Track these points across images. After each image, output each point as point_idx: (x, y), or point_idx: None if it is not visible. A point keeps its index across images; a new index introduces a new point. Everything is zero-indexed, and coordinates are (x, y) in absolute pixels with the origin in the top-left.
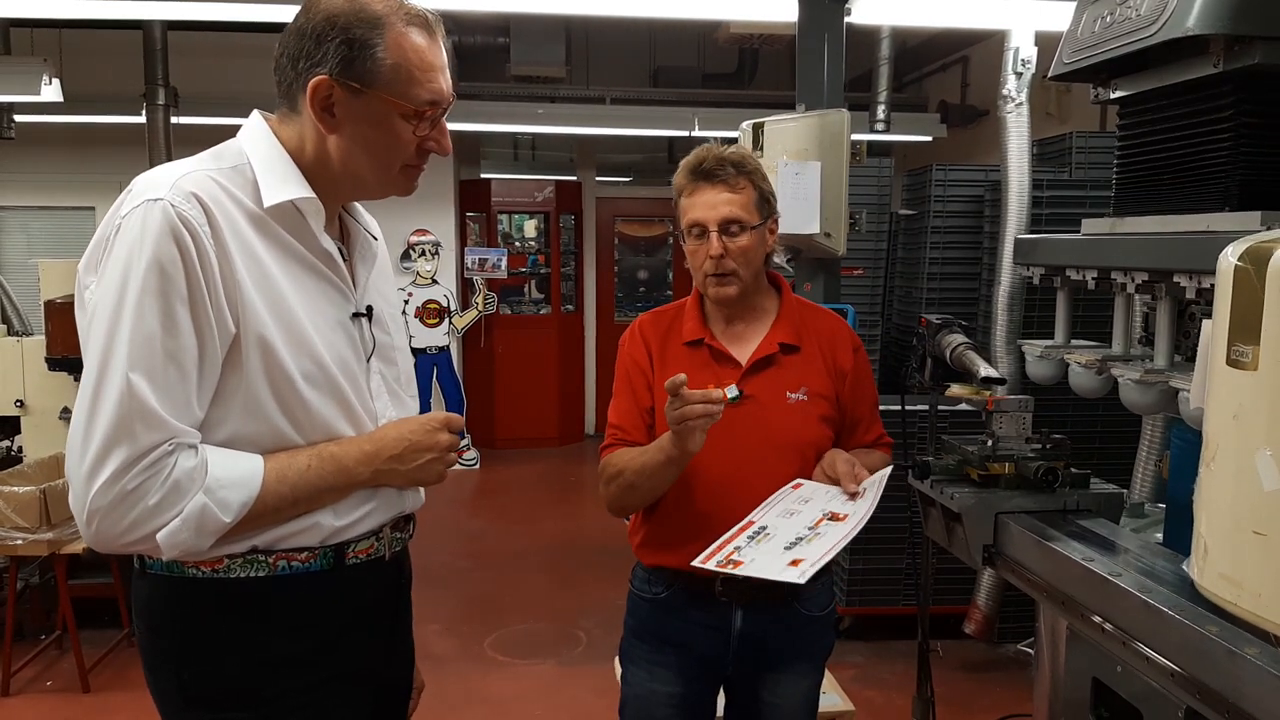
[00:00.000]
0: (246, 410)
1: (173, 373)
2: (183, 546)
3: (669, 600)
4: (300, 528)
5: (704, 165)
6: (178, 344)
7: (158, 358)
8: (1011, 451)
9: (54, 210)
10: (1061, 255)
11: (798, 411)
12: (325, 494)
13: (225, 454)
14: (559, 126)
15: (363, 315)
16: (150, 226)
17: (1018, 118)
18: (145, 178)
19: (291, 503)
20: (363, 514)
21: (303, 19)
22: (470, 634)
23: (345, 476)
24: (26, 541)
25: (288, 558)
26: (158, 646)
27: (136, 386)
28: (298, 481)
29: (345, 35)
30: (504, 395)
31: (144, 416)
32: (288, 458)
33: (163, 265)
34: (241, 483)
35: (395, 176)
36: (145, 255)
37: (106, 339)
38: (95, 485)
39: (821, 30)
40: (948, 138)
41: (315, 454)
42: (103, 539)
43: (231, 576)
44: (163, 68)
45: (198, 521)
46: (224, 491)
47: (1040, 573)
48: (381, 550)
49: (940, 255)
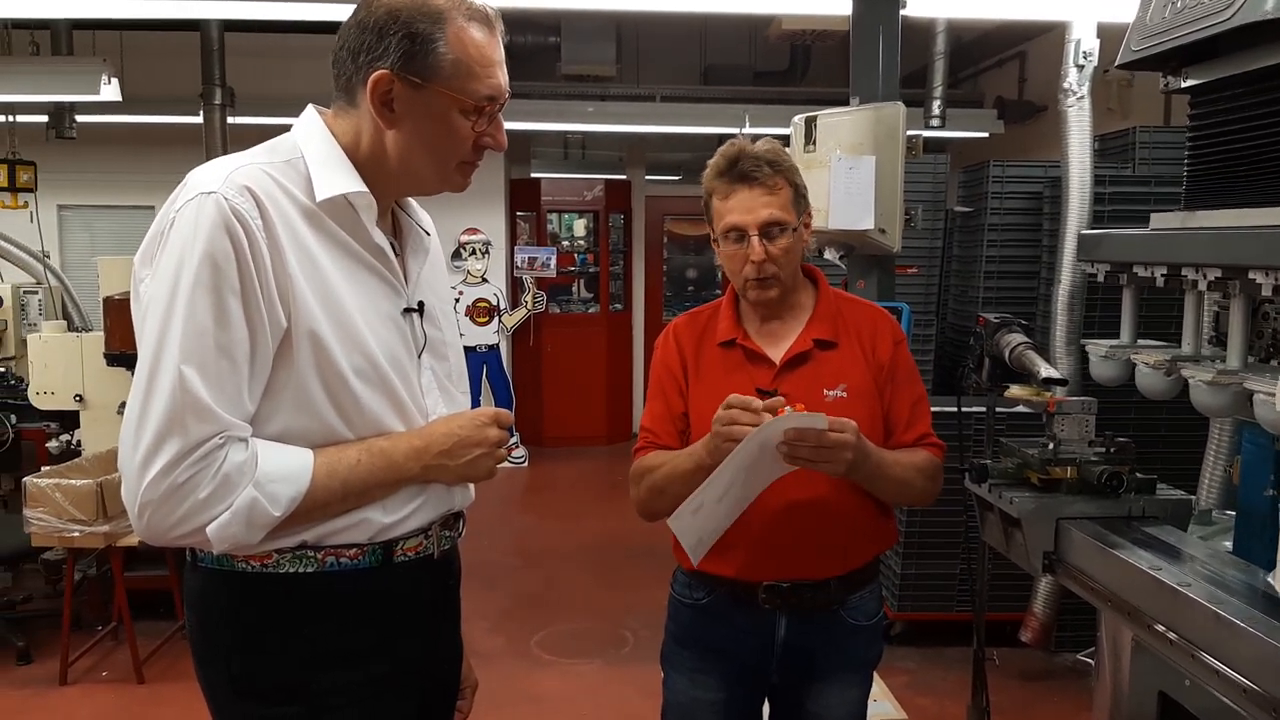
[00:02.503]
0: (297, 404)
1: (224, 366)
2: (233, 540)
3: (711, 606)
4: (349, 523)
5: (739, 166)
6: (229, 337)
7: (210, 351)
8: (1074, 455)
9: (114, 209)
10: (1128, 251)
11: (837, 409)
12: (374, 489)
13: (275, 448)
14: (609, 125)
15: (414, 310)
16: (203, 220)
17: (1079, 112)
18: (199, 172)
19: (341, 497)
20: (411, 510)
21: (363, 13)
22: (517, 632)
23: (394, 472)
24: (83, 534)
25: (336, 554)
26: (208, 639)
27: (188, 379)
28: (347, 476)
29: (407, 29)
30: (552, 394)
31: (196, 409)
32: (337, 452)
33: (215, 259)
34: (291, 477)
35: (451, 173)
36: (198, 249)
37: (159, 332)
38: (147, 477)
39: (876, 22)
40: (1004, 134)
41: (365, 449)
42: (154, 532)
43: (281, 571)
44: (219, 68)
45: (248, 515)
46: (274, 485)
47: (1104, 581)
48: (430, 548)
49: (998, 253)
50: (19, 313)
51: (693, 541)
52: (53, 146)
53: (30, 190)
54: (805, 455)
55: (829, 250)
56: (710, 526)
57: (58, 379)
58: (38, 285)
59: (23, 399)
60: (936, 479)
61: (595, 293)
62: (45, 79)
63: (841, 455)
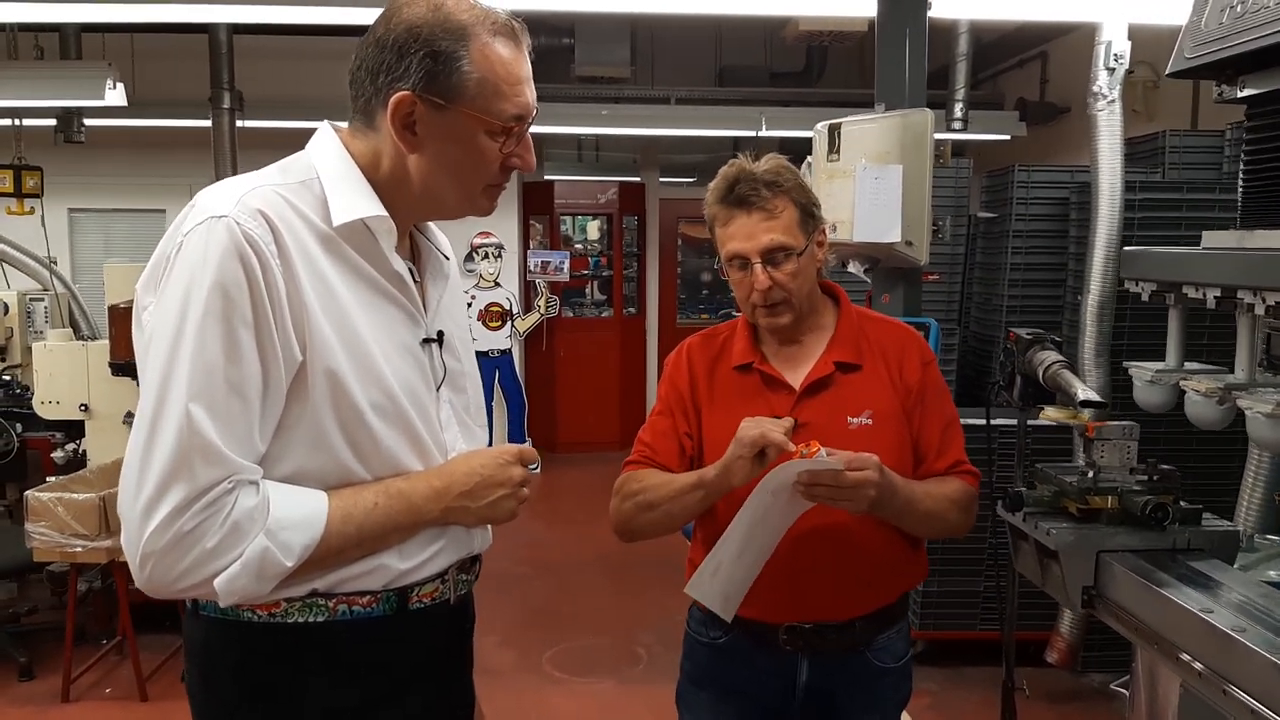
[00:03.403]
0: (311, 443)
1: (235, 404)
2: (242, 593)
3: (728, 646)
4: (363, 570)
5: (736, 190)
6: (241, 373)
7: (219, 388)
8: (1114, 483)
9: (126, 213)
10: (1178, 270)
11: (862, 438)
12: (392, 534)
13: (287, 491)
14: (624, 128)
15: (433, 341)
16: (214, 245)
17: (1110, 116)
18: (208, 193)
19: (357, 543)
20: (430, 555)
21: (382, 30)
22: (529, 646)
23: (413, 515)
24: (86, 549)
25: (348, 601)
26: (211, 693)
27: (196, 419)
28: (364, 521)
29: (429, 48)
30: (565, 398)
31: (204, 452)
32: (353, 495)
33: (226, 287)
34: (305, 523)
35: (477, 196)
36: (208, 276)
37: (165, 366)
38: (150, 526)
39: (903, 25)
40: (1027, 137)
41: (382, 490)
42: (157, 584)
43: (290, 621)
44: (228, 71)
45: (258, 566)
46: (286, 534)
47: (1149, 621)
48: (447, 593)
49: (1022, 261)
50: (25, 320)
51: (719, 603)
52: (64, 148)
53: (36, 196)
54: (823, 495)
55: (853, 263)
56: (736, 583)
57: (63, 388)
58: (44, 292)
59: (29, 408)
60: (971, 510)
61: (609, 296)
62: (50, 83)
63: (863, 494)
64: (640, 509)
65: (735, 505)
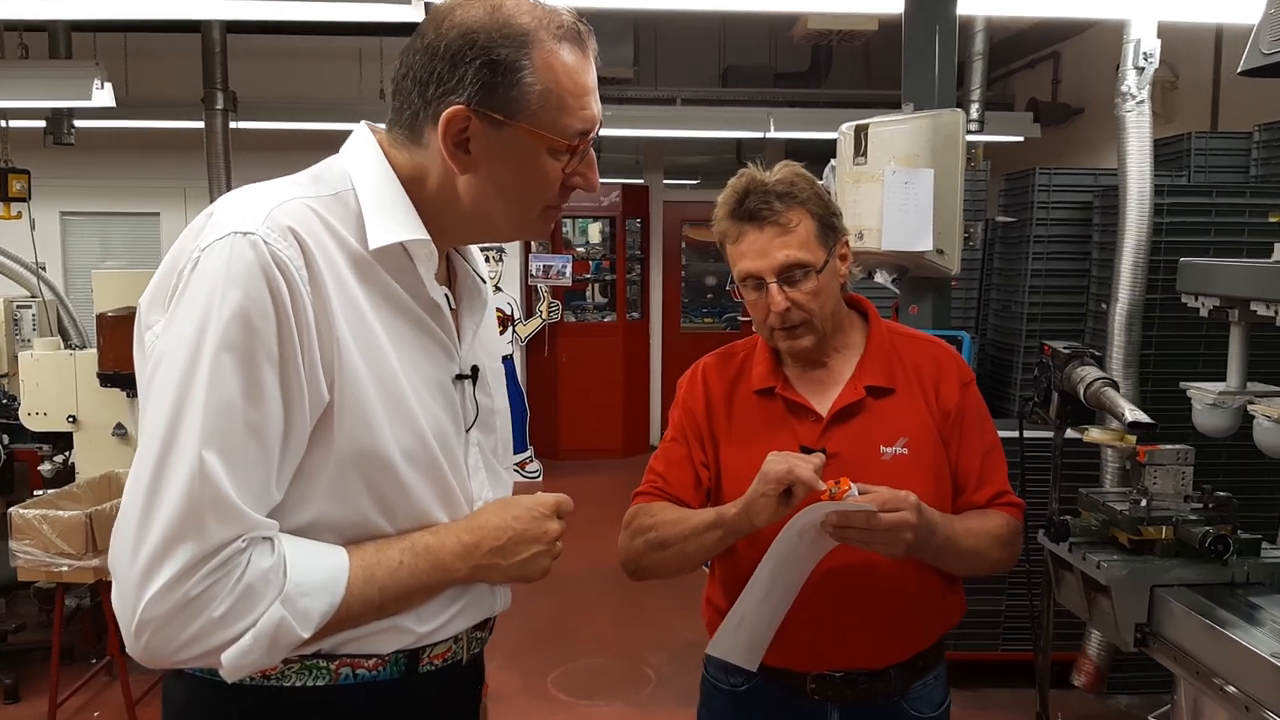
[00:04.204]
0: (332, 493)
1: (253, 451)
2: (252, 666)
3: (750, 695)
4: (374, 630)
5: (747, 204)
6: (262, 415)
7: (237, 431)
8: (1169, 512)
9: (121, 216)
10: (1248, 284)
11: (896, 469)
12: (416, 594)
13: (306, 549)
14: (627, 129)
15: (467, 377)
16: (237, 266)
17: (1138, 117)
18: (231, 203)
19: (378, 607)
20: (449, 617)
21: (432, 35)
22: (533, 667)
23: (441, 573)
24: (72, 569)
25: (353, 664)
26: None
27: (210, 468)
28: (387, 582)
29: (486, 56)
30: (568, 405)
31: (217, 506)
32: (376, 552)
33: (250, 316)
34: (325, 587)
35: (533, 220)
36: (230, 302)
37: (175, 403)
38: (151, 590)
39: (932, 21)
40: (1040, 138)
41: (408, 547)
42: (154, 655)
43: (286, 685)
44: (221, 71)
45: (271, 637)
46: (305, 600)
47: (1212, 664)
48: (459, 654)
49: (1043, 267)
50: (11, 328)
51: (743, 655)
52: (54, 150)
53: (24, 199)
54: (855, 538)
55: (880, 273)
56: (761, 632)
57: (50, 399)
58: (31, 299)
59: (15, 419)
60: (1015, 546)
61: (611, 300)
62: (34, 83)
63: (900, 537)
64: (651, 547)
65: (757, 543)
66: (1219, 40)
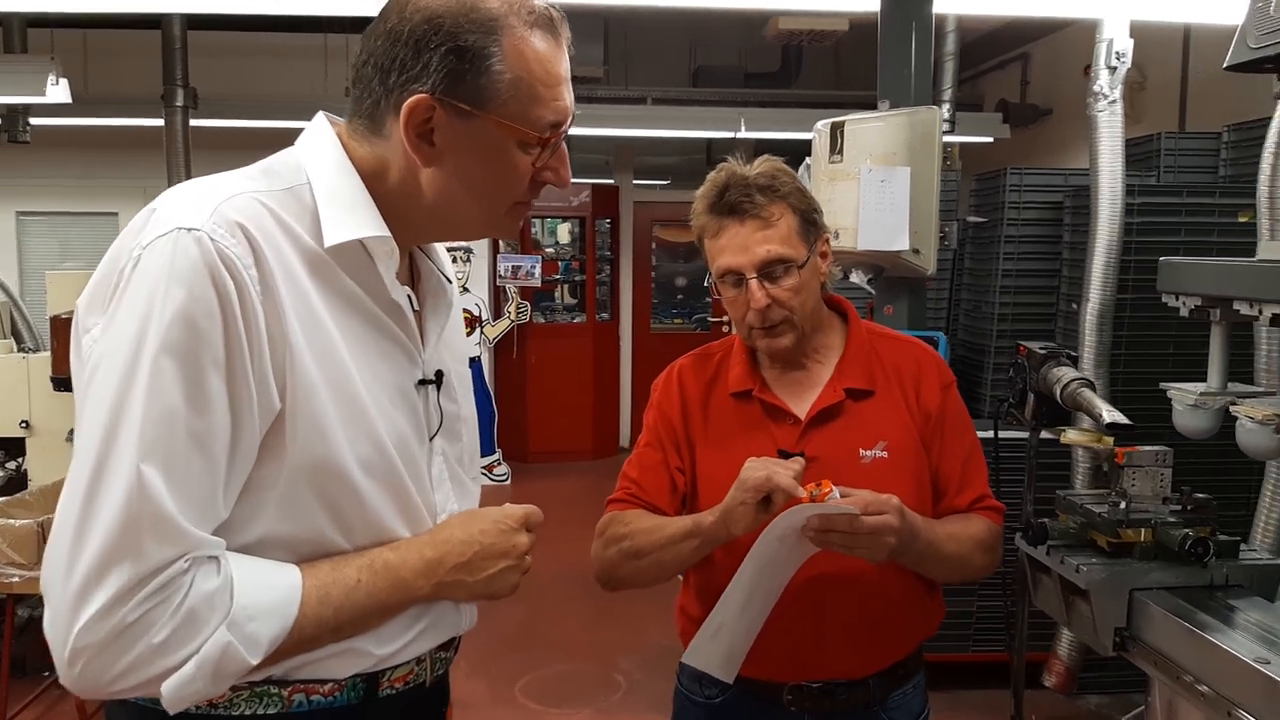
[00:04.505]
0: (284, 508)
1: (197, 464)
2: (195, 697)
3: (725, 707)
4: (331, 653)
5: (727, 197)
6: (207, 425)
7: (180, 443)
8: (1147, 514)
9: (79, 216)
10: (1231, 284)
11: (876, 473)
12: (374, 615)
13: (255, 568)
14: (597, 128)
15: (430, 383)
16: (181, 265)
17: (1110, 117)
18: (176, 198)
19: (333, 629)
20: (411, 638)
21: (395, 19)
22: (500, 675)
23: (401, 591)
24: (23, 579)
25: (307, 690)
26: None
27: (149, 483)
28: (343, 602)
29: (453, 42)
30: (537, 407)
31: (156, 524)
32: (331, 570)
33: (194, 317)
34: (275, 609)
35: (501, 217)
36: (172, 302)
37: (112, 413)
38: (85, 615)
39: (908, 17)
40: (1010, 139)
41: (366, 565)
42: (89, 685)
43: (235, 714)
44: (182, 67)
45: (216, 665)
46: (253, 625)
47: (1195, 670)
48: (422, 676)
49: (1014, 267)
50: None
51: (719, 664)
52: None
53: None
54: (837, 542)
55: (855, 273)
56: (738, 641)
57: (2, 403)
58: None
59: None
60: (996, 550)
61: (580, 301)
62: None
63: (882, 541)
64: (626, 557)
65: (734, 550)
66: (1187, 41)
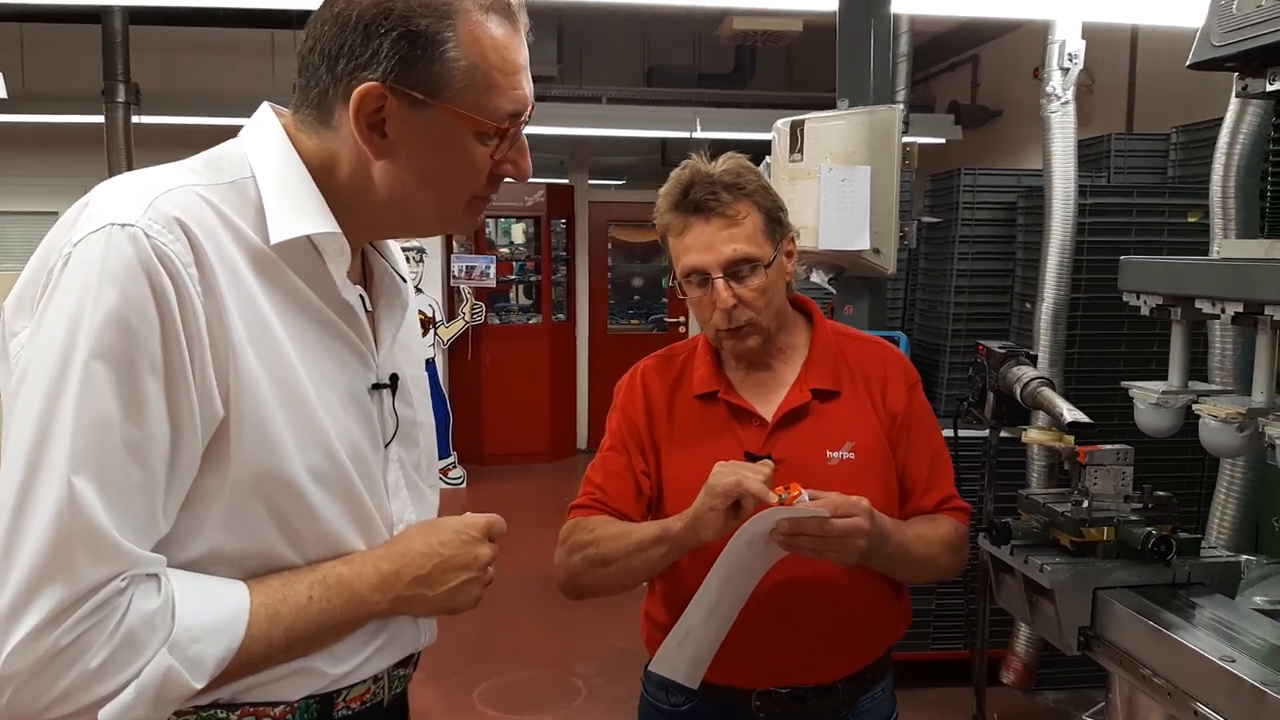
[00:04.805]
0: (229, 521)
1: (134, 475)
2: None
3: (692, 714)
4: (283, 674)
5: (692, 195)
6: (144, 434)
7: (114, 454)
8: (1110, 513)
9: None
10: (1192, 282)
11: (844, 474)
12: (328, 633)
13: (198, 586)
14: (552, 127)
15: (385, 387)
16: (114, 263)
17: (1063, 118)
18: (109, 192)
19: (284, 648)
20: (367, 656)
21: (343, 3)
22: (458, 684)
23: (357, 607)
24: None
25: (257, 713)
26: None
27: (81, 497)
28: (294, 620)
29: (405, 27)
30: (492, 409)
31: (89, 541)
32: (281, 586)
33: (128, 319)
34: (221, 629)
35: (458, 212)
36: (105, 303)
37: (40, 421)
38: (13, 639)
39: (866, 16)
40: (961, 140)
41: (319, 580)
42: (20, 713)
43: None
44: (123, 62)
45: (158, 690)
46: (197, 646)
47: (1161, 670)
48: (380, 694)
49: (969, 267)
50: None
51: (685, 672)
52: None
53: None
54: (807, 546)
55: (816, 273)
56: (705, 647)
57: None
58: None
59: None
60: (963, 551)
61: (536, 302)
62: None
63: (852, 544)
64: (591, 564)
65: (701, 556)
66: (1134, 44)
